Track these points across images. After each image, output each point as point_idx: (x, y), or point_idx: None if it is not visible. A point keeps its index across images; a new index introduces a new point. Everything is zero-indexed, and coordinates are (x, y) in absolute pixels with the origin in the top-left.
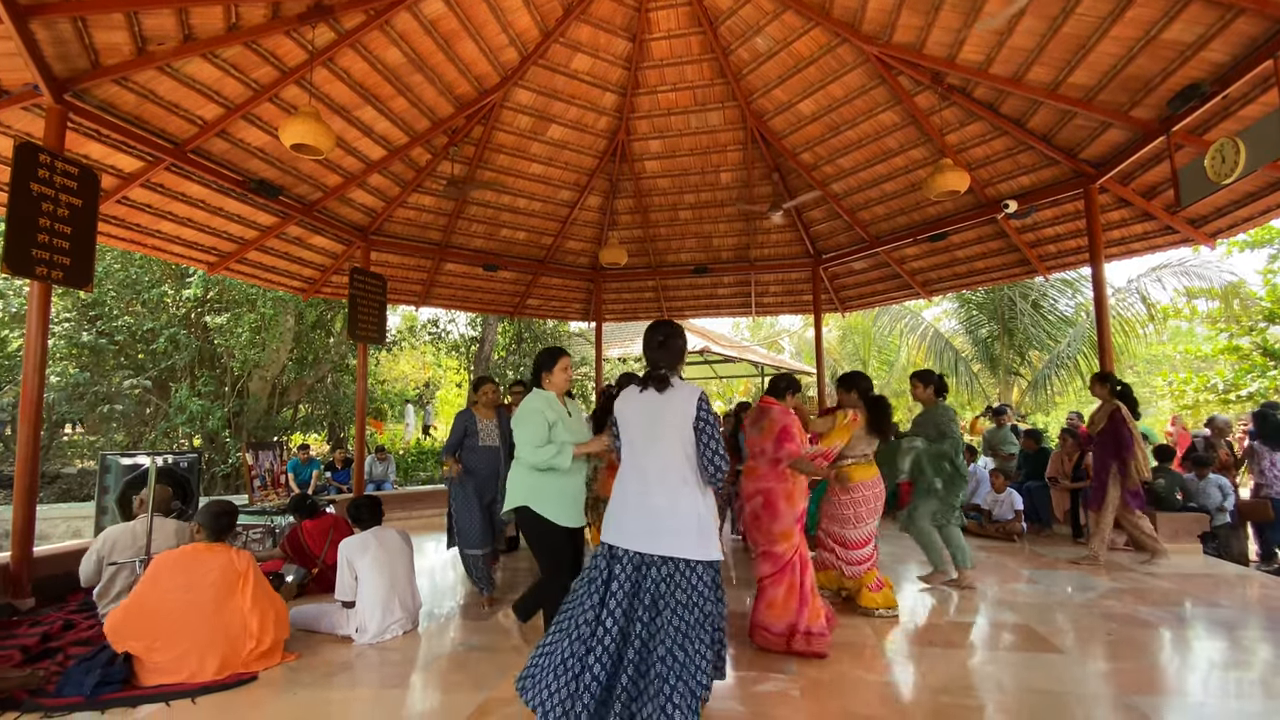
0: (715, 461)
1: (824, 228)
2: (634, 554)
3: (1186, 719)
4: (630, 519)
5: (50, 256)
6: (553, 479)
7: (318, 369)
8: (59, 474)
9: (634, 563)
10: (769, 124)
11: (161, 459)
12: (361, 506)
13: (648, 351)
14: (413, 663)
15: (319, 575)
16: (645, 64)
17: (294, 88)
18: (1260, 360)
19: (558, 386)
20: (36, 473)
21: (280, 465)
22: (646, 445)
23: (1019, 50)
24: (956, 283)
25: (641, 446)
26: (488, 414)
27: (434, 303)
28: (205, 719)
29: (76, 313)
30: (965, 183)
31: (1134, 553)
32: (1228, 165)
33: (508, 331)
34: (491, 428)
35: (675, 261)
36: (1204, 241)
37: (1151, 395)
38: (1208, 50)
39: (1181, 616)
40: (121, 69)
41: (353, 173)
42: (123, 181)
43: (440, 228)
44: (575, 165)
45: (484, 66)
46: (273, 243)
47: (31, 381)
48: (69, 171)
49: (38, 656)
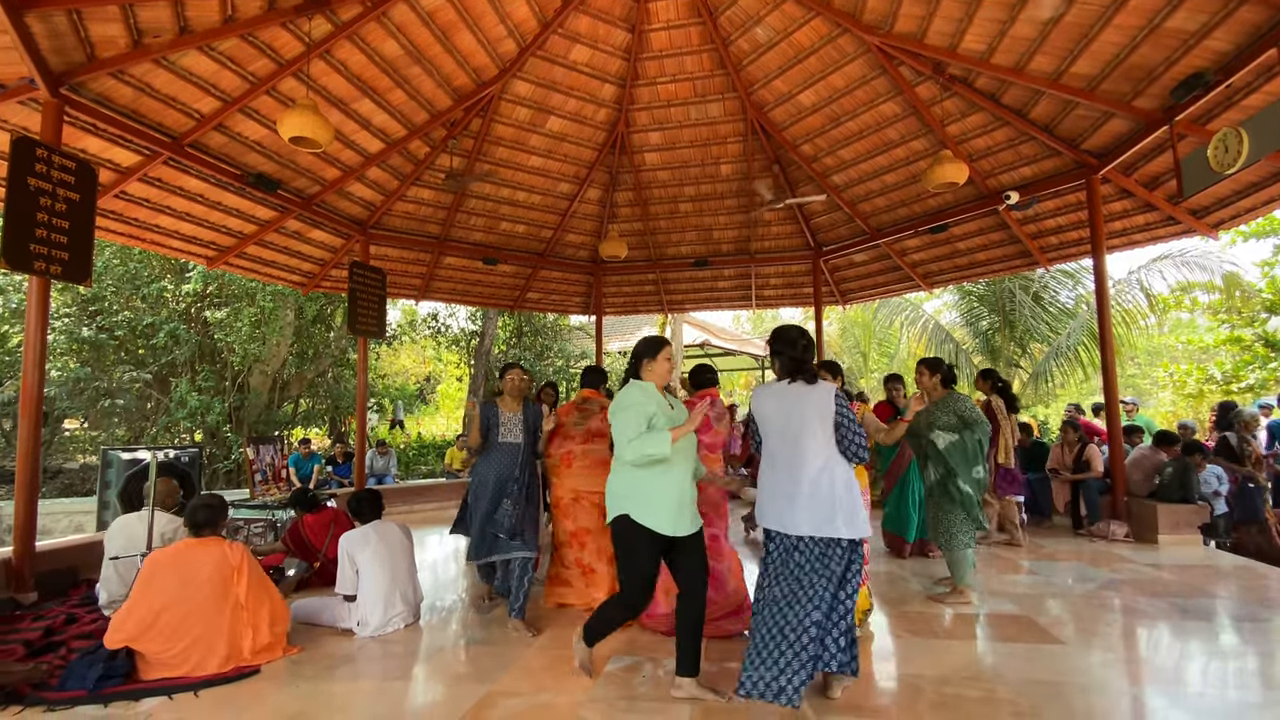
0: (856, 447)
1: (824, 220)
2: (785, 536)
3: (1186, 709)
4: (780, 504)
5: (48, 251)
6: (655, 479)
7: (318, 363)
8: (60, 469)
9: (785, 545)
10: (769, 115)
11: (163, 454)
12: (362, 500)
13: (790, 352)
14: (415, 656)
15: (320, 569)
16: (644, 55)
17: (291, 80)
18: (1262, 351)
19: (659, 377)
20: (38, 468)
21: (281, 460)
22: (789, 436)
23: (1021, 39)
24: (957, 275)
25: (784, 438)
26: (513, 406)
27: (433, 296)
28: (208, 712)
29: (76, 308)
30: (964, 175)
31: (1131, 544)
32: (1231, 155)
33: (508, 325)
34: (515, 421)
35: (675, 254)
36: (1206, 232)
37: (1153, 386)
38: (1211, 39)
39: (1181, 607)
40: (117, 62)
41: (351, 166)
42: (120, 176)
43: (439, 221)
44: (574, 158)
45: (482, 58)
46: (271, 237)
47: (31, 377)
48: (66, 166)
49: (40, 651)
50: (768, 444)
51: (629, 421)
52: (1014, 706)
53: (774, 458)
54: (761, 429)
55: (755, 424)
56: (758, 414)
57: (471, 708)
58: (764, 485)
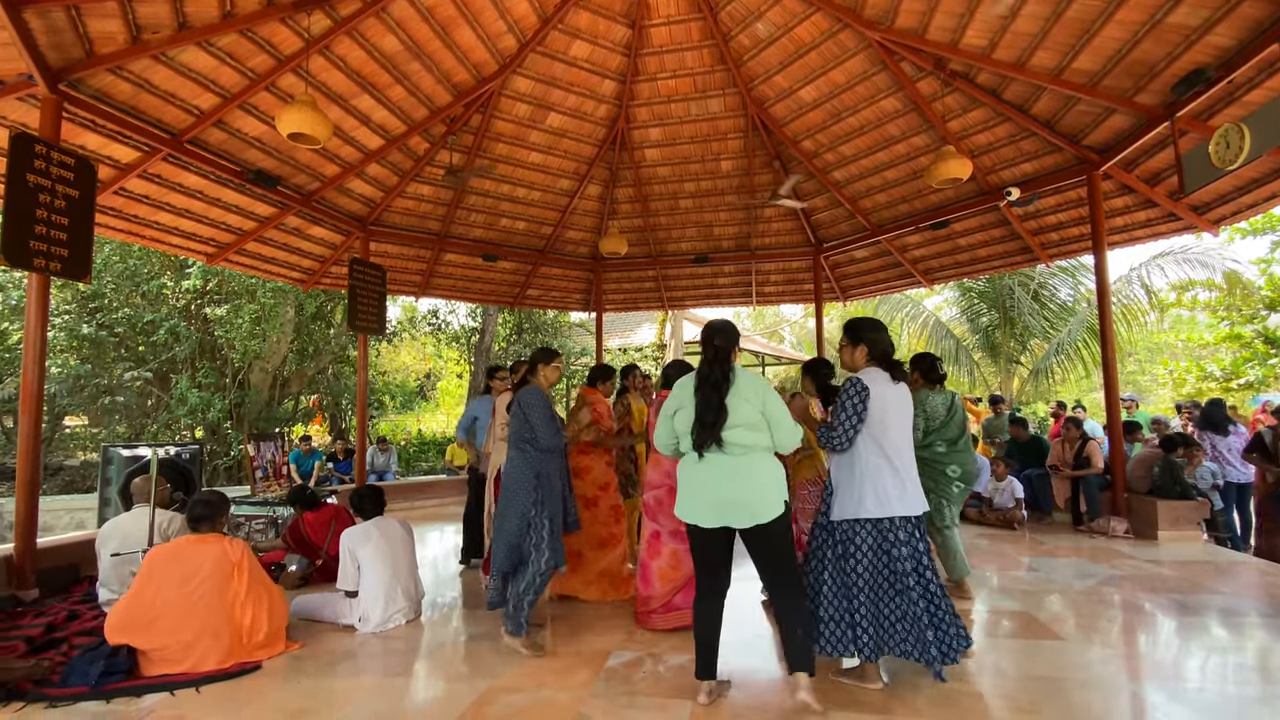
0: None
1: (825, 216)
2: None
3: (1185, 705)
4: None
5: (48, 248)
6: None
7: (318, 360)
8: (61, 466)
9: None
10: (770, 111)
11: (164, 450)
12: (364, 496)
13: (888, 350)
14: (416, 651)
15: (322, 566)
16: (645, 50)
17: (291, 76)
18: (1262, 348)
19: None
20: (38, 464)
21: (282, 456)
22: (898, 429)
23: (1022, 35)
24: (958, 271)
25: (896, 430)
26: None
27: (434, 293)
28: (210, 708)
29: (76, 305)
30: (967, 170)
31: (1131, 540)
32: (1232, 151)
33: (508, 322)
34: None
35: (676, 251)
36: (1207, 228)
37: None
38: (1213, 34)
39: (1181, 603)
40: (116, 58)
41: (351, 162)
42: (119, 172)
43: (439, 218)
44: (575, 154)
45: (482, 54)
46: (271, 233)
47: (31, 373)
48: (65, 162)
49: (42, 647)
50: (890, 436)
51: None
52: (1014, 702)
53: (900, 451)
54: (883, 421)
55: (866, 413)
56: (883, 406)
57: (472, 703)
58: (883, 474)
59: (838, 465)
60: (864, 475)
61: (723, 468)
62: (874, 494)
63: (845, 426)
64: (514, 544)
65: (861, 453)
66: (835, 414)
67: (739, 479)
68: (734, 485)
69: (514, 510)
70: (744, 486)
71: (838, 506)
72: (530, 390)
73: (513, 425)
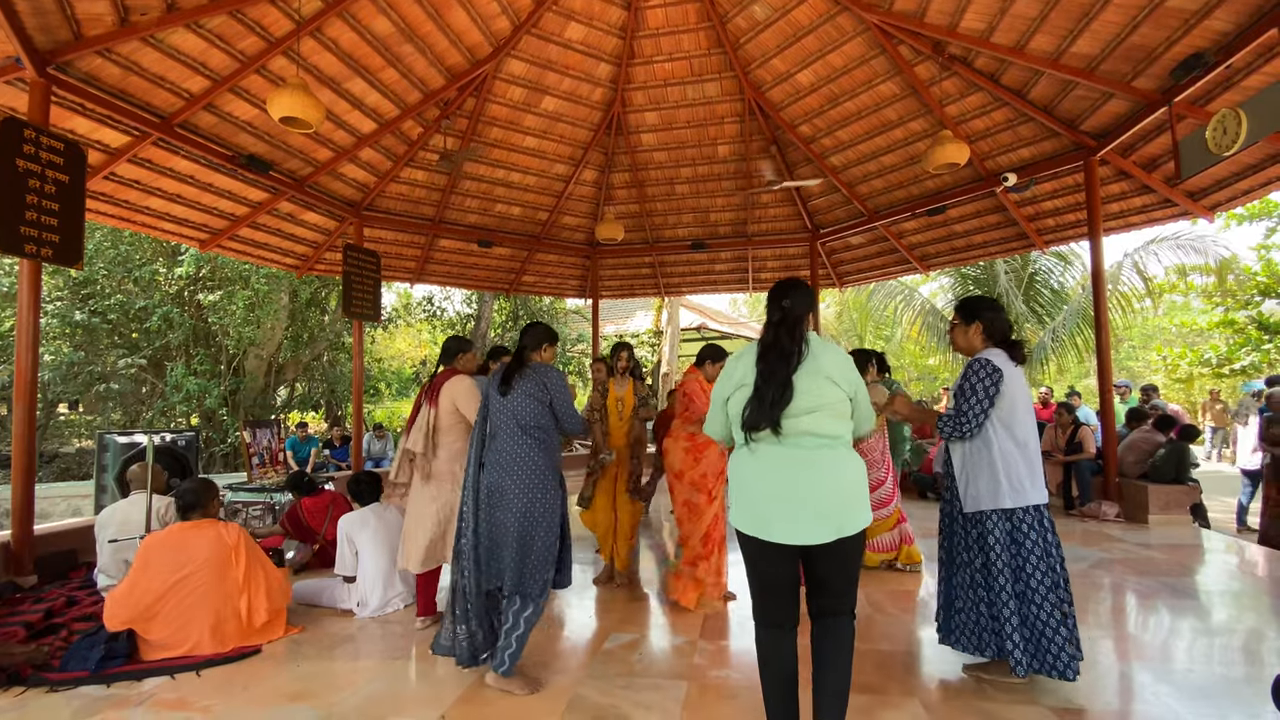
0: None
1: (822, 202)
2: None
3: (1174, 685)
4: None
5: (39, 234)
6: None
7: (314, 347)
8: (57, 453)
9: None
10: (767, 95)
11: (159, 438)
12: (361, 482)
13: (1006, 330)
14: (414, 635)
15: (320, 551)
16: (640, 33)
17: (281, 59)
18: (1255, 334)
19: None
20: (34, 451)
21: (278, 443)
22: (1026, 412)
23: (1021, 18)
24: (954, 257)
25: (1025, 413)
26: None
27: (429, 279)
28: (210, 691)
29: (68, 291)
30: (965, 155)
31: (1123, 524)
32: (1229, 136)
33: (504, 308)
34: None
35: (672, 236)
36: (1203, 214)
37: (1146, 369)
38: (1212, 19)
39: (1170, 586)
40: (104, 40)
41: (343, 147)
42: (110, 157)
43: (434, 203)
44: (570, 138)
45: (475, 36)
46: (264, 219)
47: (25, 361)
48: (55, 147)
49: (42, 632)
50: (1019, 420)
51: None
52: (1006, 683)
53: (1030, 436)
54: (1013, 405)
55: (999, 396)
56: (1012, 389)
57: (470, 685)
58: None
59: (964, 454)
60: (997, 463)
61: (798, 464)
62: (1009, 483)
63: (975, 411)
64: (546, 559)
65: (993, 439)
66: (961, 398)
67: (822, 480)
68: (813, 488)
69: (553, 516)
70: (827, 490)
71: (970, 498)
72: (556, 371)
73: (524, 410)
